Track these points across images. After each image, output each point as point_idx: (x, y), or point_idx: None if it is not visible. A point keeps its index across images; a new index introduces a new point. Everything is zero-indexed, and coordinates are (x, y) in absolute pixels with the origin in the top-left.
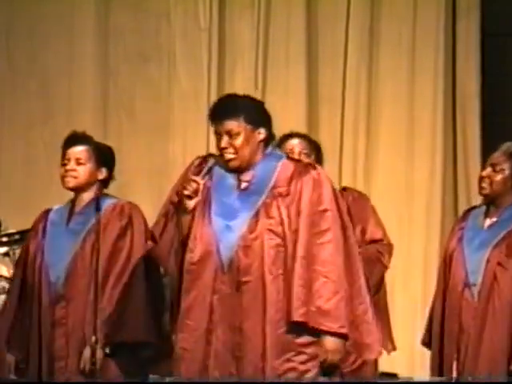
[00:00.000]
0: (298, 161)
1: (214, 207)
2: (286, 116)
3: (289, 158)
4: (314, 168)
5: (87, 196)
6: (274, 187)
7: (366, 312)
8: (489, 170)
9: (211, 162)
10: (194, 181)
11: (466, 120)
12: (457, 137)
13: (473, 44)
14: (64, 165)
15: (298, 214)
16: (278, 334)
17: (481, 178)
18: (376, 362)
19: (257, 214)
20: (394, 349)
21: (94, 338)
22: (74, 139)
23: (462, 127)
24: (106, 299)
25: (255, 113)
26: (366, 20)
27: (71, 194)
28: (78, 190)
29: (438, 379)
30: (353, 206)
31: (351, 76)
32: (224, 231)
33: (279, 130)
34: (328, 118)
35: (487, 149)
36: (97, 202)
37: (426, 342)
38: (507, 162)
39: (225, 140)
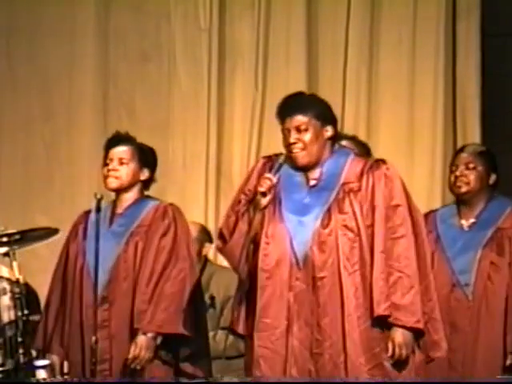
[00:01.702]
0: (366, 158)
1: (286, 204)
2: None
3: (356, 154)
4: (384, 163)
5: (129, 197)
6: (344, 183)
7: (434, 309)
8: (462, 168)
9: (282, 159)
10: (268, 178)
11: (466, 120)
12: (457, 137)
13: (473, 44)
14: (106, 165)
15: (372, 208)
16: (361, 330)
17: (455, 178)
18: None
19: (329, 210)
20: None
21: (94, 338)
22: (117, 139)
23: (462, 127)
24: (148, 296)
25: (323, 110)
26: (366, 20)
27: (71, 195)
28: (121, 190)
29: (438, 379)
30: None
31: (351, 76)
32: (297, 227)
33: (279, 131)
34: None
35: (461, 150)
36: (97, 203)
37: None
38: (478, 161)
39: (294, 135)
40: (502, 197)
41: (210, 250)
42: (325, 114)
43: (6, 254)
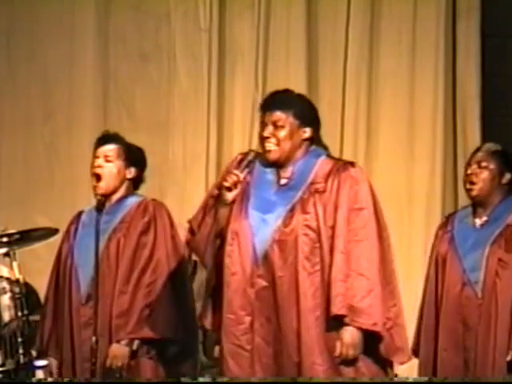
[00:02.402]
0: (338, 159)
1: (252, 201)
2: None
3: (328, 155)
4: (353, 166)
5: (115, 195)
6: (311, 183)
7: (399, 315)
8: (474, 167)
9: (251, 155)
10: (235, 174)
11: (466, 120)
12: (457, 137)
13: (473, 45)
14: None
15: (335, 209)
16: (320, 330)
17: (467, 176)
18: None
19: (292, 209)
20: None
21: (94, 339)
22: (105, 138)
23: (462, 127)
24: (129, 296)
25: (305, 111)
26: (366, 20)
27: (71, 195)
28: (108, 192)
29: (438, 379)
30: None
31: (351, 76)
32: (260, 224)
33: None
34: (328, 118)
35: (478, 149)
36: (97, 203)
37: (415, 350)
38: (491, 160)
39: (269, 129)
40: None
41: None
42: (306, 114)
43: (6, 254)
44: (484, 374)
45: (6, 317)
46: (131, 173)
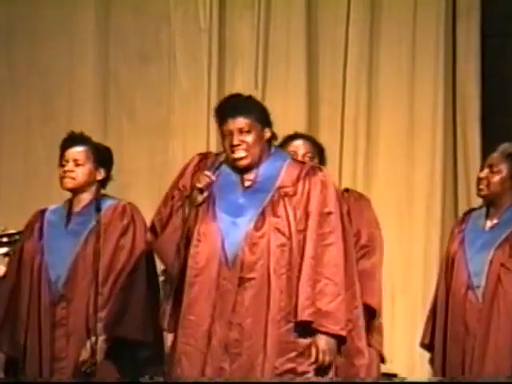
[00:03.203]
0: (303, 162)
1: (220, 204)
2: (286, 116)
3: (293, 158)
4: (321, 170)
5: (86, 196)
6: (280, 187)
7: (359, 316)
8: (486, 170)
9: (223, 157)
10: (207, 175)
11: (466, 120)
12: (457, 137)
13: (473, 45)
14: (62, 166)
15: (306, 214)
16: (280, 332)
17: (479, 179)
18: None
19: (263, 212)
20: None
21: (94, 339)
22: (72, 140)
23: (462, 127)
24: (106, 297)
25: (262, 112)
26: (366, 20)
27: (71, 195)
28: (77, 190)
29: (436, 379)
30: (353, 207)
31: (351, 76)
32: (230, 227)
33: (279, 130)
34: (328, 118)
35: (487, 149)
36: (97, 203)
37: (426, 344)
38: (505, 163)
39: (237, 137)
40: None
41: None
42: (263, 116)
43: (7, 254)
44: (480, 378)
45: None
46: (101, 174)
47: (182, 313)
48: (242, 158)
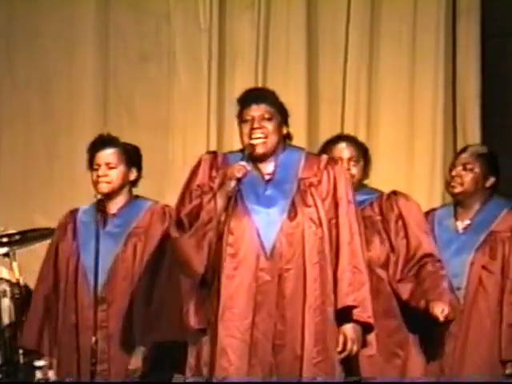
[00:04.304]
0: (319, 154)
1: (248, 196)
2: None
3: (308, 151)
4: (338, 161)
5: (121, 198)
6: (302, 178)
7: None
8: (459, 168)
9: (248, 151)
10: (243, 166)
11: (466, 120)
12: (457, 137)
13: (473, 44)
14: (95, 170)
15: (335, 202)
16: (316, 322)
17: (452, 178)
18: None
19: (294, 203)
20: None
21: (94, 339)
22: (101, 142)
23: (462, 127)
24: (152, 300)
25: (284, 108)
26: (366, 20)
27: (71, 195)
28: (112, 193)
29: (434, 379)
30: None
31: (351, 76)
32: (264, 219)
33: None
34: (328, 117)
35: (463, 150)
36: (97, 203)
37: None
38: (477, 162)
39: (258, 122)
40: (499, 199)
41: None
42: (284, 112)
43: (6, 255)
44: (460, 379)
45: (6, 319)
46: (133, 174)
47: (221, 306)
48: (259, 143)
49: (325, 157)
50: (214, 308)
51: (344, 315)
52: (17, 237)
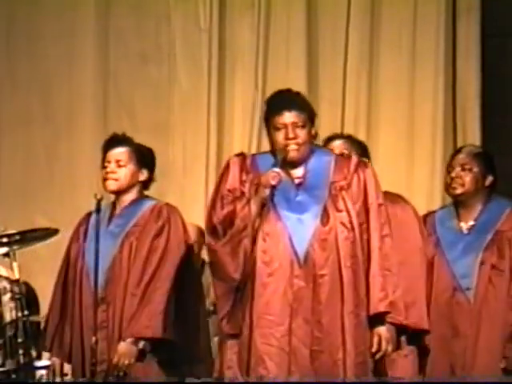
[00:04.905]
0: (349, 156)
1: (280, 202)
2: None
3: (337, 154)
4: (368, 163)
5: (128, 198)
6: (333, 182)
7: None
8: (458, 169)
9: (280, 156)
10: (277, 172)
11: (466, 120)
12: (457, 137)
13: (473, 44)
14: (105, 167)
15: (366, 206)
16: (354, 325)
17: (451, 179)
18: None
19: (326, 207)
20: None
21: (94, 339)
22: (114, 141)
23: (462, 127)
24: (139, 298)
25: (312, 110)
26: (366, 20)
27: (71, 195)
28: (120, 192)
29: (434, 379)
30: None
31: (351, 76)
32: (296, 225)
33: None
34: (328, 117)
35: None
36: (97, 203)
37: None
38: (474, 162)
39: (292, 130)
40: (501, 198)
41: None
42: (312, 114)
43: (6, 255)
44: (471, 379)
45: (7, 317)
46: (144, 175)
47: (256, 313)
48: (295, 152)
49: (354, 159)
50: (247, 315)
51: (378, 317)
52: (17, 237)
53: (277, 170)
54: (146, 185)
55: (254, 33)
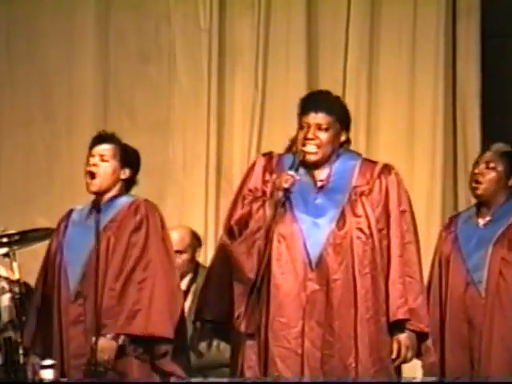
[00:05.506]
0: (375, 161)
1: (297, 204)
2: (287, 116)
3: (364, 158)
4: (393, 168)
5: (108, 195)
6: (355, 186)
7: None
8: (482, 166)
9: (299, 157)
10: (290, 175)
11: (466, 120)
12: (457, 137)
13: (473, 45)
14: (88, 162)
15: (386, 212)
16: (370, 332)
17: (474, 175)
18: None
19: (343, 212)
20: None
21: (94, 339)
22: (101, 138)
23: (462, 127)
24: (118, 293)
25: (345, 115)
26: (366, 20)
27: (71, 195)
28: (100, 193)
29: (434, 379)
30: None
31: (351, 76)
32: (311, 228)
33: (280, 131)
34: None
35: (487, 149)
36: (97, 203)
37: None
38: (500, 161)
39: (313, 131)
40: None
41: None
42: (345, 119)
43: (6, 255)
44: (488, 373)
45: (6, 317)
46: (125, 173)
47: (270, 315)
48: (310, 153)
49: (380, 164)
50: (262, 315)
51: (398, 324)
52: (17, 237)
53: (291, 172)
54: (128, 186)
55: (254, 33)
